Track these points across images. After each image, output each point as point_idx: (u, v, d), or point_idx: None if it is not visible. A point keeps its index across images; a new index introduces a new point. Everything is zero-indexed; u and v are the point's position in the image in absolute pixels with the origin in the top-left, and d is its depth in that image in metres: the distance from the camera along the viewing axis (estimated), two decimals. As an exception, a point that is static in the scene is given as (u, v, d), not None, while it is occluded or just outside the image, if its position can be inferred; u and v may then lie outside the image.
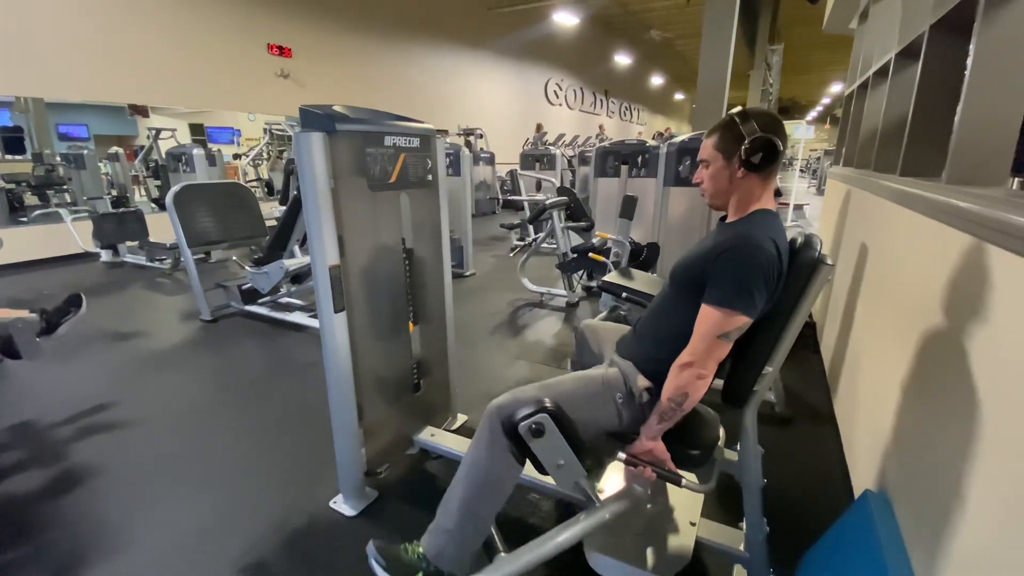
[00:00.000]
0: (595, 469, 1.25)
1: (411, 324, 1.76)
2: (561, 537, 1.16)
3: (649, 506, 1.34)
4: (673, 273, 1.24)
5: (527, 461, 1.15)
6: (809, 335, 3.00)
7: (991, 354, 0.89)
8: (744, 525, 1.28)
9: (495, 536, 1.23)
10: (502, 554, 1.18)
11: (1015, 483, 0.75)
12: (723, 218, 1.24)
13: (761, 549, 1.24)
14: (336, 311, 1.41)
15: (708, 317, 1.06)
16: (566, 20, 11.70)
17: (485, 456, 1.15)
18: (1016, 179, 1.52)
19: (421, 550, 1.19)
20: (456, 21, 10.25)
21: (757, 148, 1.09)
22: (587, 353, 1.50)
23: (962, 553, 0.87)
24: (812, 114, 27.07)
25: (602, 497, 1.25)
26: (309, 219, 1.35)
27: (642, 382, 1.17)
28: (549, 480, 1.19)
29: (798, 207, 7.96)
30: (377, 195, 1.52)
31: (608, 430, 1.22)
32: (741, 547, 1.28)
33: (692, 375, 1.06)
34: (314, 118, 1.34)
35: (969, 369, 0.94)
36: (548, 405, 1.09)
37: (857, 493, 1.52)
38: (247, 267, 3.35)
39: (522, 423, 1.08)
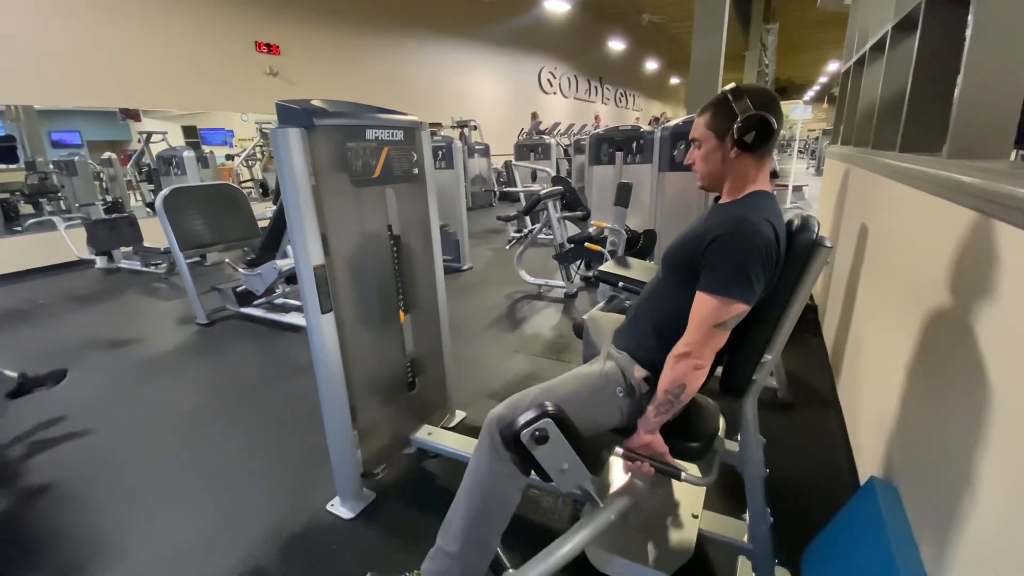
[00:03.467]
0: (598, 469, 1.20)
1: (401, 313, 1.70)
2: (567, 547, 1.10)
3: (650, 499, 1.31)
4: (665, 257, 1.19)
5: (531, 471, 1.08)
6: (810, 318, 2.96)
7: (999, 332, 0.85)
8: (747, 516, 1.25)
9: (500, 553, 1.17)
10: (510, 571, 1.12)
11: (1027, 470, 0.72)
12: (717, 199, 1.20)
13: (765, 540, 1.21)
14: (323, 312, 1.38)
15: (704, 305, 1.01)
16: (557, 7, 11.53)
17: (487, 472, 1.08)
18: (1019, 151, 1.48)
19: None
20: (446, 13, 10.12)
21: (750, 127, 1.04)
22: (592, 347, 1.46)
23: (974, 541, 0.84)
24: (809, 94, 26.81)
25: (605, 496, 1.22)
26: (291, 218, 1.31)
27: (639, 372, 1.13)
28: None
29: (797, 188, 7.88)
30: (361, 191, 1.48)
31: (611, 427, 1.17)
32: (745, 539, 1.25)
33: (689, 366, 1.03)
34: (291, 113, 1.30)
35: (976, 349, 0.90)
36: (550, 409, 1.02)
37: (863, 480, 1.49)
38: (240, 269, 3.32)
39: (524, 431, 1.00)
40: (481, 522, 1.09)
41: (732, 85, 1.10)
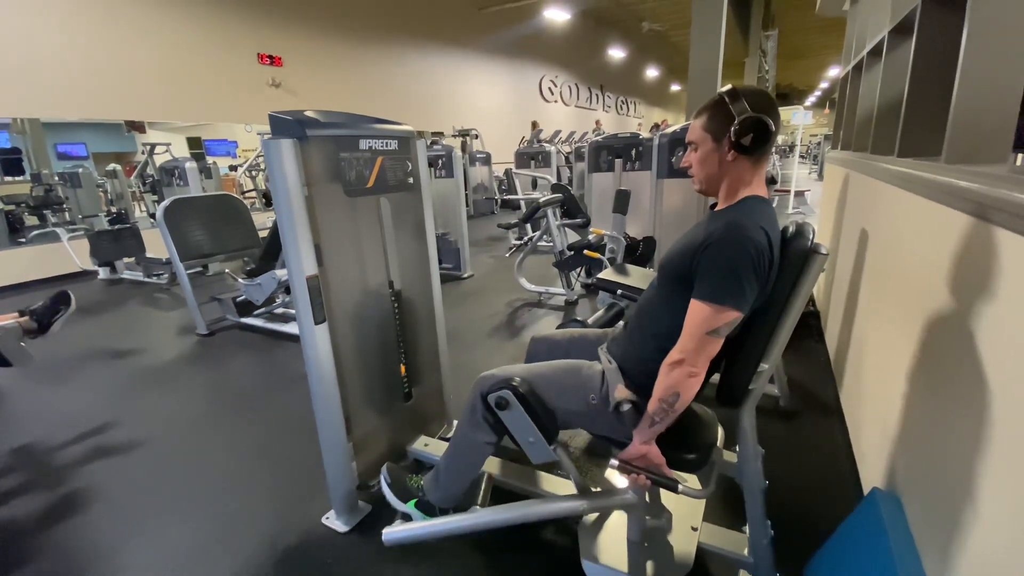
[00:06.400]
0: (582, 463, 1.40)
1: (402, 367, 1.72)
2: (531, 509, 1.27)
3: (647, 512, 1.29)
4: (662, 266, 1.18)
5: (503, 433, 1.24)
6: (813, 324, 2.94)
7: (999, 340, 0.83)
8: (748, 529, 1.22)
9: (481, 491, 1.42)
10: (477, 507, 1.37)
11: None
12: (713, 205, 1.19)
13: (766, 553, 1.18)
14: (316, 323, 1.37)
15: (697, 312, 1.00)
16: (557, 16, 11.60)
17: (468, 419, 1.28)
18: (1018, 155, 1.46)
19: (421, 482, 1.42)
20: (447, 23, 10.21)
21: (747, 129, 1.03)
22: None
23: (977, 553, 0.82)
24: (810, 99, 26.86)
25: (593, 491, 1.29)
26: (284, 229, 1.31)
27: (620, 392, 1.12)
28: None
29: (799, 194, 7.85)
30: (355, 201, 1.47)
31: (582, 426, 1.25)
32: (745, 552, 1.23)
33: (683, 374, 1.01)
34: (284, 124, 1.29)
35: (977, 356, 0.88)
36: (515, 383, 1.16)
37: (867, 490, 1.46)
38: (240, 279, 3.32)
39: (489, 394, 1.17)
40: (458, 458, 1.34)
41: (729, 87, 1.08)
